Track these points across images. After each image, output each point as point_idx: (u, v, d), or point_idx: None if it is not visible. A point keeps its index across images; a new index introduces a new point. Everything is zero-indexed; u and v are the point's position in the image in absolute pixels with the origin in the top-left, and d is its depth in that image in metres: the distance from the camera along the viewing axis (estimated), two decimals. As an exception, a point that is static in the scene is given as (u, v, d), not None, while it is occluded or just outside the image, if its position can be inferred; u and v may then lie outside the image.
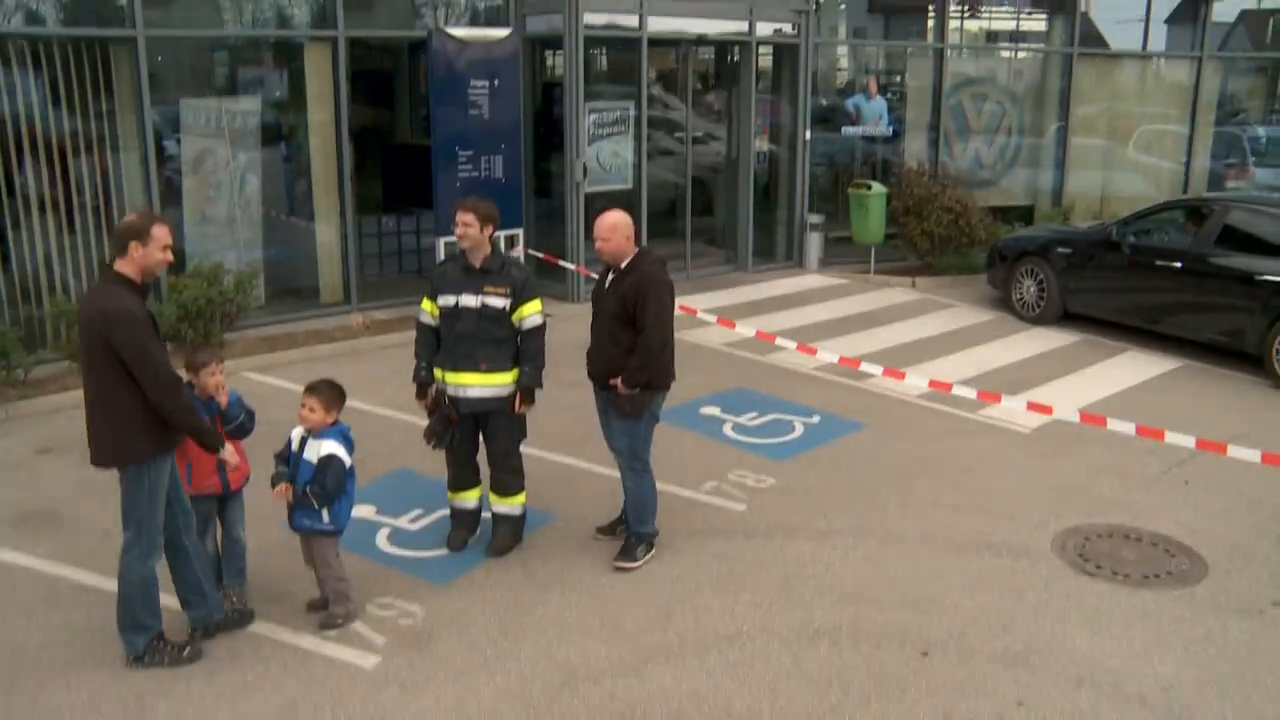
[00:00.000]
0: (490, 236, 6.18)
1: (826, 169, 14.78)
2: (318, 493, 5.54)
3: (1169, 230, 11.19)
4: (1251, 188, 16.62)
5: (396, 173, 13.63)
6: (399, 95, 14.40)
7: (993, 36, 15.73)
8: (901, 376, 8.72)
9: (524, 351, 6.25)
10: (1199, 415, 9.18)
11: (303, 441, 5.67)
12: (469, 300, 6.13)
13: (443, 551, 6.57)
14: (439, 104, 10.84)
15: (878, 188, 13.41)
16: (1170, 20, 16.34)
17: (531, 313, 6.21)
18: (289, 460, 5.67)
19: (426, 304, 6.33)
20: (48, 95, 9.80)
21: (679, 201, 13.73)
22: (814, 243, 13.87)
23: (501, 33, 11.17)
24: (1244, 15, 20.84)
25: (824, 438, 8.49)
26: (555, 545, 6.69)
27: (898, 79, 15.08)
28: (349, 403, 5.96)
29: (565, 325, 11.39)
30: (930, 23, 14.63)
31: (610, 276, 6.26)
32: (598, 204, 12.25)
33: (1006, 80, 15.11)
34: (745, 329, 10.16)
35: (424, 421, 6.37)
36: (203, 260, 10.96)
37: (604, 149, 12.07)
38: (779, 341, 9.70)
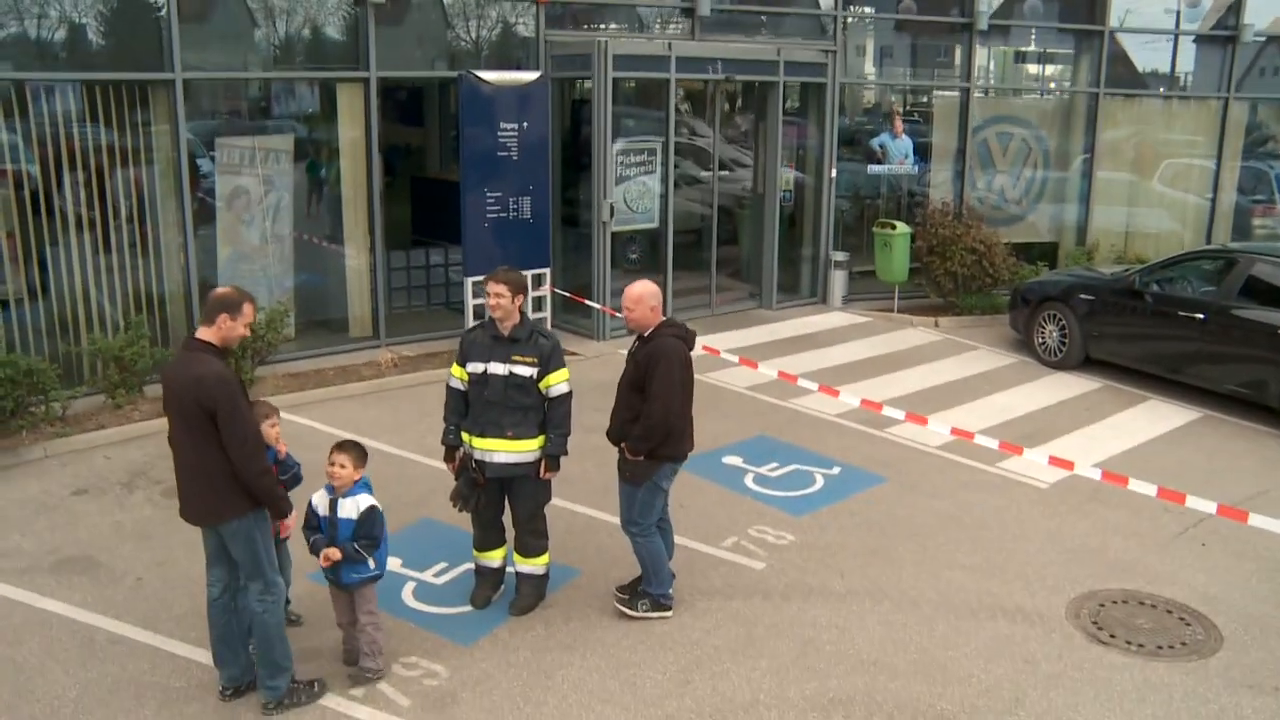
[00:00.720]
0: (520, 306, 6.34)
1: (852, 204, 14.87)
2: (369, 545, 5.76)
3: (1192, 280, 11.22)
4: (1278, 226, 16.64)
5: (425, 206, 13.86)
6: (429, 128, 14.61)
7: (1020, 59, 15.71)
8: (924, 422, 8.83)
9: (550, 419, 6.39)
10: (1218, 472, 9.23)
11: (331, 504, 5.85)
12: (497, 368, 6.28)
13: (467, 608, 6.71)
14: (469, 147, 11.03)
15: (902, 227, 13.51)
16: (1198, 40, 16.25)
17: (558, 381, 6.35)
18: (320, 526, 5.85)
19: (455, 369, 6.48)
20: (89, 135, 10.04)
21: (704, 235, 13.87)
22: (838, 280, 13.99)
23: (531, 76, 11.35)
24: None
25: (844, 491, 8.59)
26: (577, 603, 6.83)
27: (925, 106, 15.12)
28: (377, 445, 6.14)
29: (590, 366, 11.60)
30: (958, 56, 14.69)
31: (635, 342, 6.43)
32: (625, 242, 12.49)
33: (1033, 116, 15.14)
34: (767, 369, 10.29)
35: (450, 479, 6.54)
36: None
37: (631, 188, 12.22)
38: (801, 383, 9.83)
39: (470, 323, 11.33)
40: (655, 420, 6.16)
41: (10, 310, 9.96)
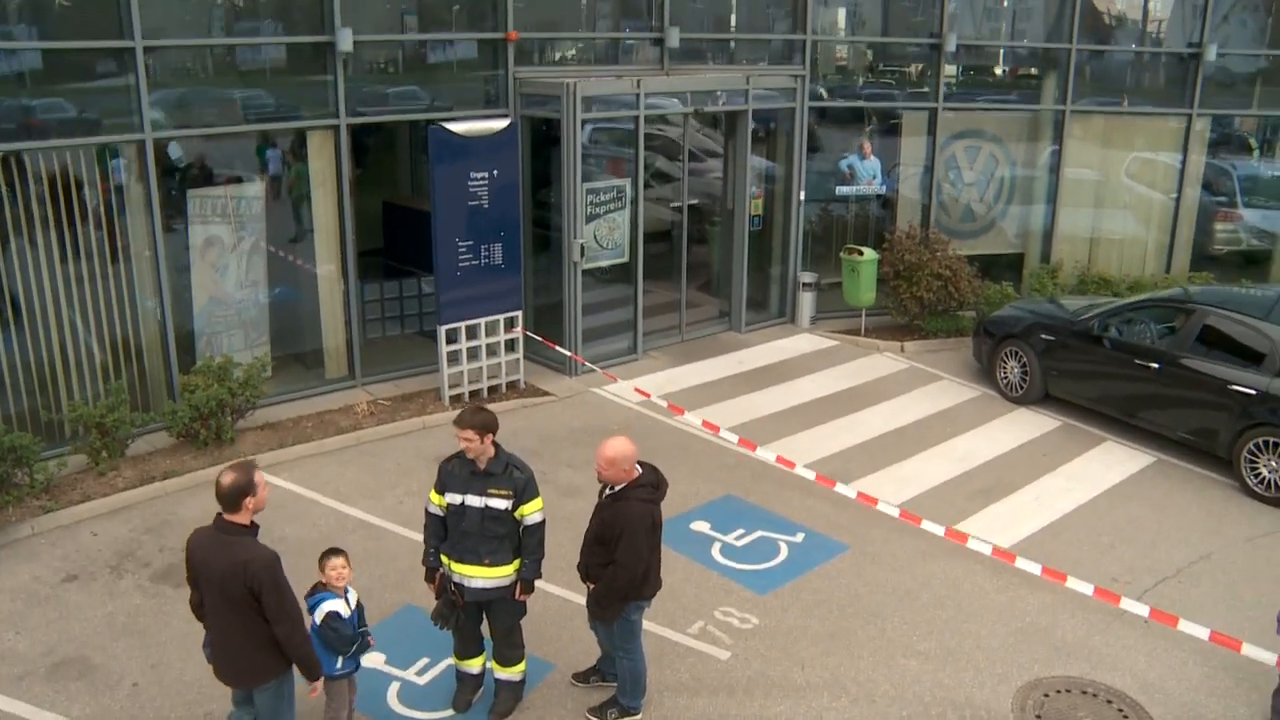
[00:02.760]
0: (491, 442, 6.60)
1: (819, 218, 15.04)
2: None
3: (1149, 325, 11.51)
4: (1241, 230, 16.90)
5: (398, 232, 13.93)
6: (399, 157, 14.56)
7: (987, 76, 15.77)
8: (874, 503, 9.20)
9: (525, 545, 6.70)
10: (1164, 532, 9.66)
11: (352, 603, 6.49)
12: (474, 500, 6.56)
13: (449, 712, 7.09)
14: (440, 198, 11.12)
15: (869, 254, 13.75)
16: (1161, 57, 16.31)
17: (532, 511, 6.64)
18: (354, 623, 6.49)
19: (434, 496, 6.75)
20: (60, 195, 10.09)
21: (674, 260, 14.04)
22: (806, 301, 14.26)
23: (500, 125, 11.41)
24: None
25: (807, 563, 8.96)
26: (553, 703, 7.20)
27: (892, 127, 15.24)
28: (356, 513, 6.62)
29: (562, 409, 11.88)
30: (927, 76, 14.79)
31: (604, 492, 6.68)
32: (595, 278, 12.66)
33: (1000, 130, 15.29)
34: (730, 435, 10.56)
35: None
36: (212, 337, 11.41)
37: (601, 226, 12.37)
38: (759, 453, 10.17)
39: (445, 371, 11.58)
40: (620, 583, 6.48)
41: None
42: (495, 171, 11.35)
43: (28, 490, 9.43)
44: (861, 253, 13.77)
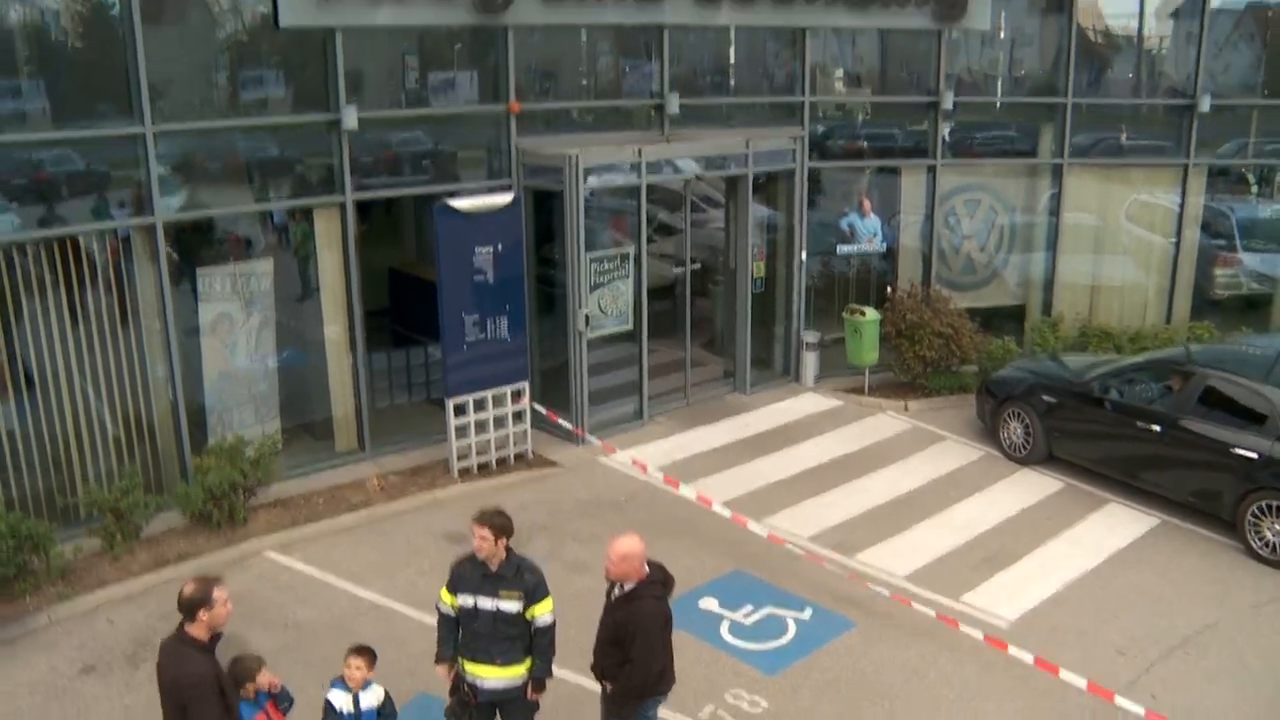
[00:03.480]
0: (504, 546, 6.72)
1: (821, 273, 15.18)
2: None
3: (1150, 386, 11.61)
4: (1241, 274, 16.97)
5: (404, 299, 14.08)
6: (404, 221, 14.74)
7: (985, 133, 15.94)
8: (866, 583, 9.33)
9: (536, 645, 6.81)
10: (1171, 597, 9.74)
11: (354, 700, 6.59)
12: (485, 603, 6.67)
13: (464, 808, 7.17)
14: (446, 272, 11.28)
15: (871, 313, 13.88)
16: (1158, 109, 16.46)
17: (543, 612, 6.75)
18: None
19: (446, 596, 6.87)
20: (72, 277, 10.26)
21: (678, 311, 14.18)
22: (810, 361, 14.40)
23: (504, 199, 11.58)
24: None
25: (815, 641, 9.03)
26: (567, 797, 7.29)
27: (891, 183, 15.43)
28: (367, 595, 6.85)
29: (570, 480, 11.97)
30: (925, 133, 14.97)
31: (615, 591, 6.77)
32: (601, 341, 12.80)
33: (999, 183, 15.45)
34: (723, 510, 10.69)
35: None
36: (223, 413, 11.55)
37: (605, 294, 12.51)
38: (752, 527, 10.28)
39: (453, 443, 11.70)
40: (636, 682, 6.57)
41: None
42: (500, 246, 11.51)
43: (44, 578, 9.57)
44: (864, 313, 13.90)
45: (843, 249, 14.75)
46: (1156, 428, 11.11)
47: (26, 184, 10.26)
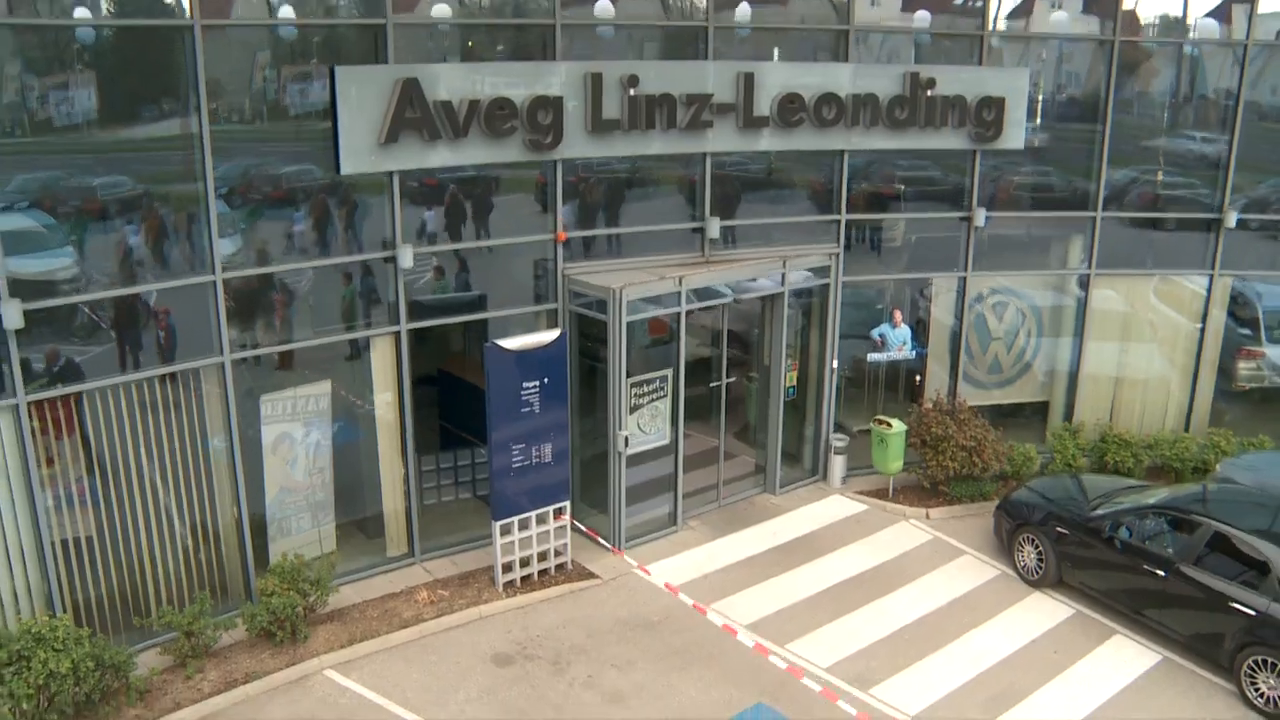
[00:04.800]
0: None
1: (852, 367, 15.78)
2: None
3: (1159, 526, 12.06)
4: (1264, 367, 17.25)
5: (453, 398, 14.83)
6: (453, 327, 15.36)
7: (1012, 243, 16.34)
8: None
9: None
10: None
11: None
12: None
13: None
14: (495, 407, 12.06)
15: (898, 425, 14.50)
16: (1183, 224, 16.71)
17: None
18: None
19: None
20: (149, 409, 11.14)
21: (713, 401, 14.85)
22: (838, 464, 15.07)
23: (550, 336, 12.30)
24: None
25: (828, 793, 9.81)
26: None
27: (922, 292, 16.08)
28: None
29: (608, 595, 12.74)
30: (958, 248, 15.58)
31: None
32: (638, 462, 13.53)
33: (1028, 288, 15.94)
34: (747, 639, 11.43)
35: None
36: (282, 521, 12.42)
37: (644, 415, 13.23)
38: (773, 659, 10.99)
39: (499, 560, 12.49)
40: None
41: (82, 547, 11.19)
42: (546, 379, 12.26)
43: (126, 700, 10.51)
44: (890, 425, 14.52)
45: (874, 357, 15.36)
46: (1162, 572, 11.69)
47: (105, 331, 11.09)
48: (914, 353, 15.38)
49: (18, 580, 10.69)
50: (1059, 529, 12.75)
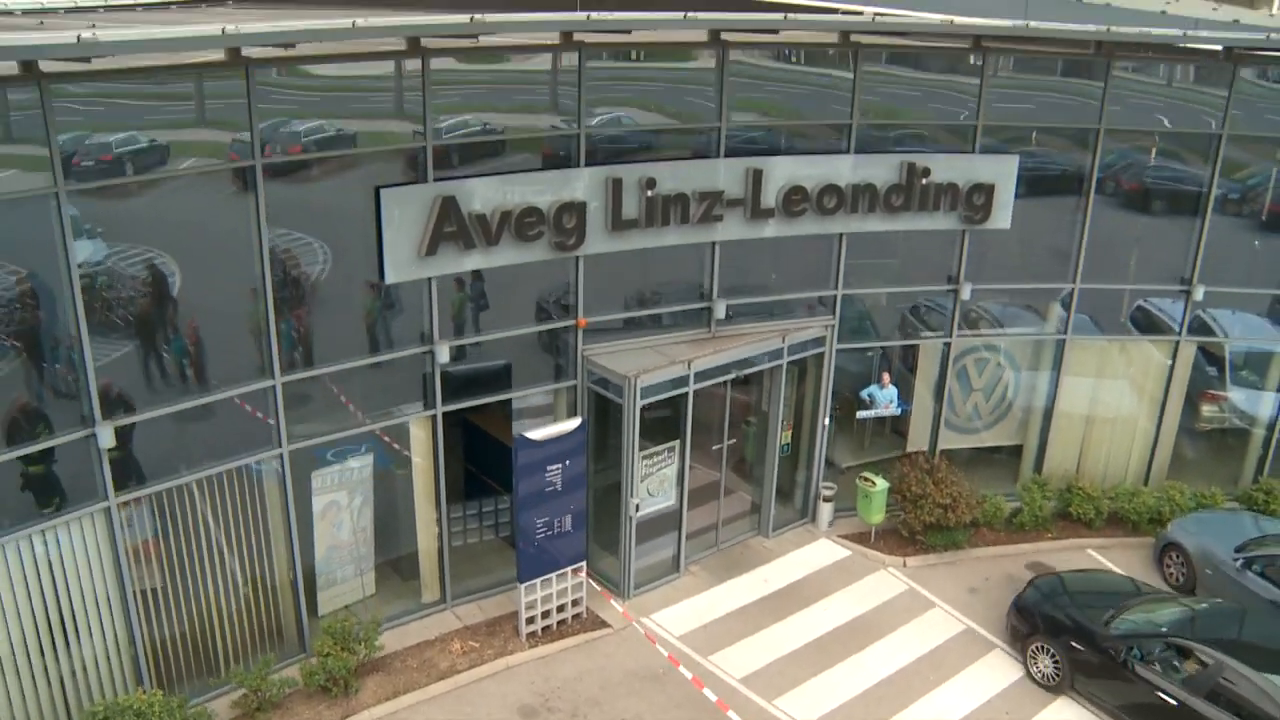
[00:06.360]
0: None
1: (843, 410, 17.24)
2: None
3: (1173, 655, 12.87)
4: (1226, 410, 18.57)
5: (478, 452, 16.27)
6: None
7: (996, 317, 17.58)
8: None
9: None
10: None
11: None
12: None
13: None
14: (523, 490, 13.60)
15: (880, 483, 16.05)
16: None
17: None
18: None
19: None
20: (218, 501, 12.64)
21: (715, 442, 16.37)
22: (825, 510, 16.67)
23: (572, 425, 13.73)
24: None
25: None
26: None
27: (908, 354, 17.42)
28: None
29: (616, 646, 14.48)
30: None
31: None
32: (647, 524, 15.07)
33: (1007, 346, 17.25)
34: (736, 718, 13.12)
35: None
36: (329, 573, 14.01)
37: (653, 481, 14.74)
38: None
39: (523, 614, 14.13)
40: None
41: (156, 598, 12.80)
42: (567, 461, 13.74)
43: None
44: (874, 483, 16.06)
45: (862, 414, 16.80)
46: (1174, 702, 12.50)
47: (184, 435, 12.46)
48: (900, 409, 16.81)
49: (109, 640, 12.27)
50: (1075, 645, 13.53)
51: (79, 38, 9.07)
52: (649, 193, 13.94)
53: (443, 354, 13.43)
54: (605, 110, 14.16)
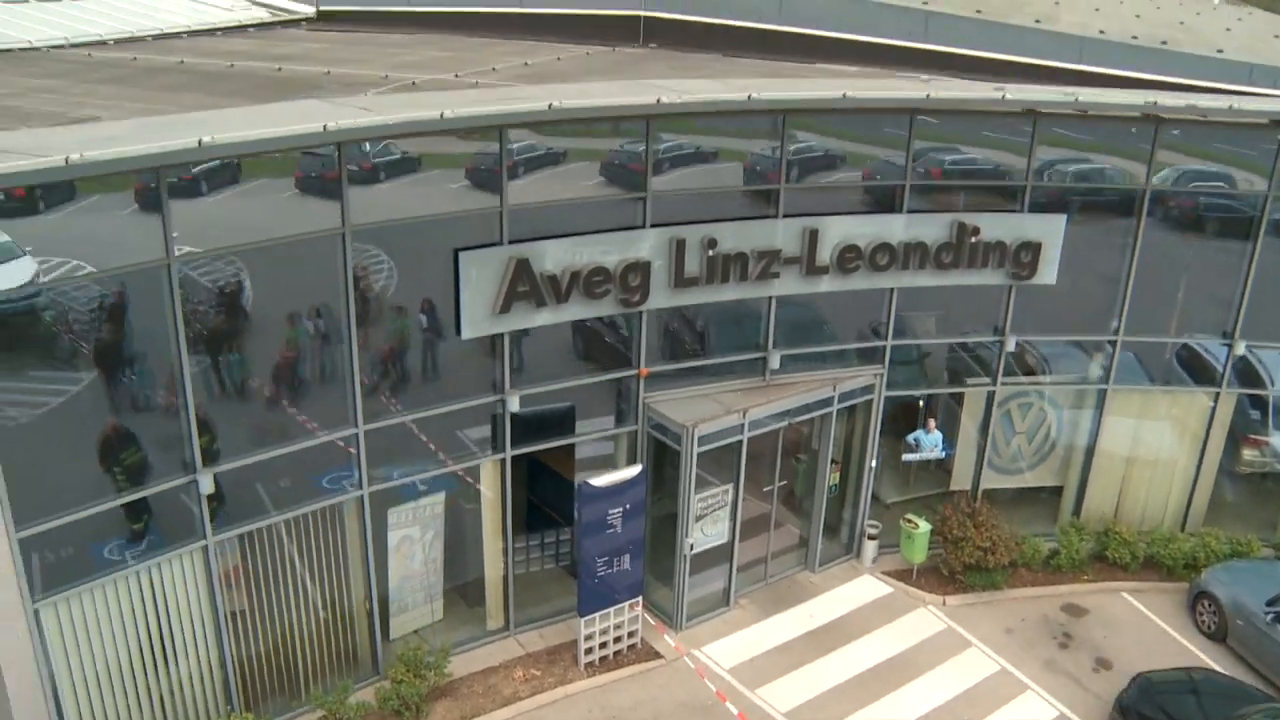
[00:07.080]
0: None
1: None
2: None
3: None
4: (1268, 455, 18.99)
5: (540, 485, 17.08)
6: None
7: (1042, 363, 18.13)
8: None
9: None
10: None
11: None
12: None
13: None
14: (587, 533, 14.53)
15: (923, 525, 16.77)
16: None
17: None
18: None
19: None
20: (303, 538, 13.63)
21: (767, 479, 17.13)
22: (870, 548, 17.43)
23: (633, 472, 14.58)
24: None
25: None
26: None
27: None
28: None
29: (669, 677, 15.35)
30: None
31: None
32: (700, 557, 15.90)
33: (1051, 392, 17.85)
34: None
35: None
36: (401, 600, 15.00)
37: (707, 522, 15.56)
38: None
39: (582, 646, 15.05)
40: None
41: (244, 620, 13.85)
42: (628, 505, 14.59)
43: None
44: (917, 525, 16.78)
45: (907, 458, 17.50)
46: None
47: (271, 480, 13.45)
48: (944, 453, 17.49)
49: (203, 661, 13.34)
50: None
51: (200, 142, 10.05)
52: (710, 252, 14.70)
53: (513, 403, 14.32)
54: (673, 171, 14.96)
